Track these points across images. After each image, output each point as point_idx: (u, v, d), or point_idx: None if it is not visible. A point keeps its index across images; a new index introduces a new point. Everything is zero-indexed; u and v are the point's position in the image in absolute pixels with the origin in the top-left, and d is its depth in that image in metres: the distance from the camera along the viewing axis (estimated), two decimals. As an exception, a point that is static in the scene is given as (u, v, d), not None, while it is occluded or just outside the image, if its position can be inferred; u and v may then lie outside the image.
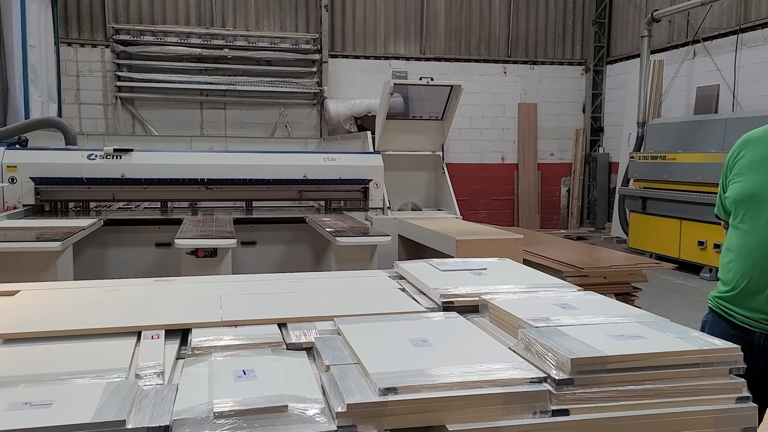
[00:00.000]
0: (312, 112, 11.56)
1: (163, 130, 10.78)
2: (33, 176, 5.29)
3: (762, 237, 2.24)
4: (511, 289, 2.41)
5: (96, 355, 1.84)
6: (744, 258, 2.29)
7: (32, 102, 8.12)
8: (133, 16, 10.93)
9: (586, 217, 12.90)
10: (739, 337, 2.32)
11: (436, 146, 6.71)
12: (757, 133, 2.37)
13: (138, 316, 2.14)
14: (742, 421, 1.67)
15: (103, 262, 5.15)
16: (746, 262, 2.28)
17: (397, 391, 1.53)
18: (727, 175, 2.43)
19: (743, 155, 2.36)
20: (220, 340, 1.95)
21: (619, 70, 12.29)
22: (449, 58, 12.07)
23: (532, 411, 1.57)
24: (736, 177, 2.36)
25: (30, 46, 8.12)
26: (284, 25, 11.44)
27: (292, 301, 2.36)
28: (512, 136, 12.44)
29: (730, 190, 2.38)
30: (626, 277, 4.69)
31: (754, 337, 2.30)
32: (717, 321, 2.41)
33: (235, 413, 1.45)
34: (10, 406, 1.43)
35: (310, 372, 1.75)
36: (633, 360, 1.65)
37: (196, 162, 5.73)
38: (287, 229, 5.60)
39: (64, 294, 2.54)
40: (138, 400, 1.50)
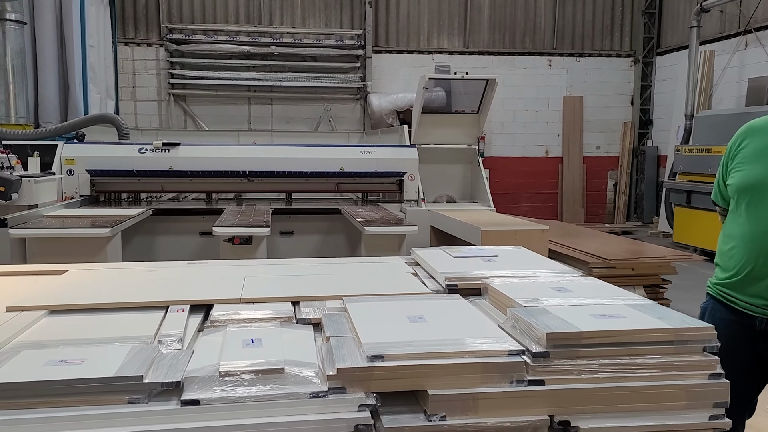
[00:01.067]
0: (355, 107, 11.79)
1: (212, 125, 11.19)
2: (89, 168, 5.66)
3: (765, 225, 2.30)
4: (514, 274, 2.53)
5: (127, 325, 2.07)
6: (747, 245, 2.34)
7: (91, 99, 8.59)
8: (185, 15, 11.37)
9: (633, 212, 12.71)
10: (740, 323, 2.39)
11: (472, 139, 6.80)
12: (759, 123, 2.41)
13: (167, 293, 2.37)
14: (714, 395, 1.76)
15: (150, 248, 5.48)
16: (750, 249, 2.33)
17: (383, 358, 1.69)
18: (728, 164, 2.47)
19: (746, 144, 2.41)
20: (237, 315, 2.15)
21: (670, 62, 12.04)
22: (493, 52, 12.08)
23: (508, 380, 1.71)
24: (739, 166, 2.40)
25: (89, 46, 8.59)
26: (329, 22, 11.69)
27: (308, 282, 2.55)
28: (557, 130, 12.35)
29: (732, 179, 2.43)
30: (655, 269, 4.70)
31: (755, 322, 2.36)
32: (717, 307, 2.47)
33: (238, 373, 1.64)
34: (47, 363, 1.66)
35: (312, 342, 1.93)
36: (607, 336, 1.76)
37: (239, 155, 6.00)
38: (324, 219, 5.81)
39: (105, 273, 2.80)
40: (157, 361, 1.71)
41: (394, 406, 1.69)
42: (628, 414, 1.72)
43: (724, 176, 2.50)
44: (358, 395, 1.63)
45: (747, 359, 2.39)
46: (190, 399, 1.56)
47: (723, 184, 2.52)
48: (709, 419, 1.76)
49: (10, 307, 2.19)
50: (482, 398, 1.67)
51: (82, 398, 1.55)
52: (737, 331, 2.37)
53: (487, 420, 1.67)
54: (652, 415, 1.73)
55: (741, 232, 2.37)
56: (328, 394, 1.62)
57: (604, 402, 1.72)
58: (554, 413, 1.70)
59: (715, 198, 2.59)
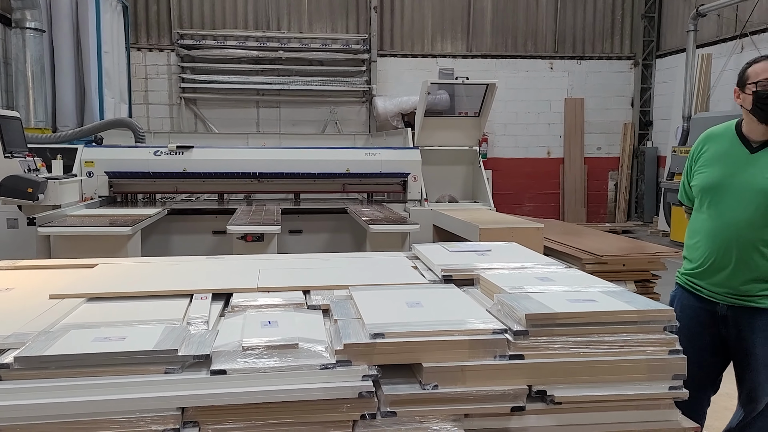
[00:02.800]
0: (361, 110, 12.05)
1: (222, 128, 11.48)
2: (107, 171, 5.94)
3: (725, 221, 2.57)
4: (504, 266, 2.78)
5: (157, 310, 2.33)
6: (710, 239, 2.60)
7: (106, 103, 8.88)
8: (196, 21, 11.66)
9: (633, 211, 12.92)
10: (705, 309, 2.65)
11: (473, 141, 7.04)
12: (718, 130, 2.70)
13: (191, 283, 2.63)
14: (672, 369, 2.01)
15: (166, 246, 5.75)
16: (713, 243, 2.59)
17: (384, 335, 1.95)
18: (691, 167, 2.76)
19: (707, 149, 2.69)
20: (255, 301, 2.42)
21: (669, 64, 12.26)
22: (495, 55, 12.32)
23: (492, 355, 1.96)
24: (701, 168, 2.68)
25: (104, 52, 8.88)
26: (335, 27, 11.96)
27: (318, 274, 2.81)
28: (558, 131, 12.59)
29: (695, 180, 2.71)
30: (645, 264, 4.94)
31: (717, 308, 2.62)
32: (684, 295, 2.73)
33: (258, 347, 1.90)
34: (94, 339, 1.93)
35: (321, 324, 2.19)
36: (579, 317, 2.02)
37: (249, 157, 6.27)
38: (331, 219, 6.06)
39: (133, 267, 3.07)
40: (187, 339, 1.97)
41: (393, 377, 1.94)
42: (597, 384, 1.97)
43: (689, 178, 2.77)
44: (362, 367, 1.89)
45: (711, 341, 2.65)
46: (218, 369, 1.82)
47: (688, 185, 2.79)
48: (669, 389, 2.01)
49: (53, 295, 2.46)
50: (469, 370, 1.93)
51: (126, 368, 1.81)
52: (702, 316, 2.63)
53: (474, 389, 1.92)
54: (618, 385, 1.98)
55: (704, 227, 2.64)
56: (336, 366, 1.87)
57: (576, 374, 1.97)
58: (532, 383, 1.96)
59: (681, 198, 2.86)
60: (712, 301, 2.63)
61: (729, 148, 2.61)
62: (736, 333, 2.59)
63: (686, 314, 2.64)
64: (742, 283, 2.54)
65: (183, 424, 1.79)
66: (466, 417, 1.94)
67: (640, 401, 2.00)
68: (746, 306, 2.55)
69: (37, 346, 1.86)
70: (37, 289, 2.59)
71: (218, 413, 1.81)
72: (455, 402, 1.91)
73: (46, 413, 1.72)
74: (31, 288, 2.64)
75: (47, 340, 1.91)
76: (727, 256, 2.56)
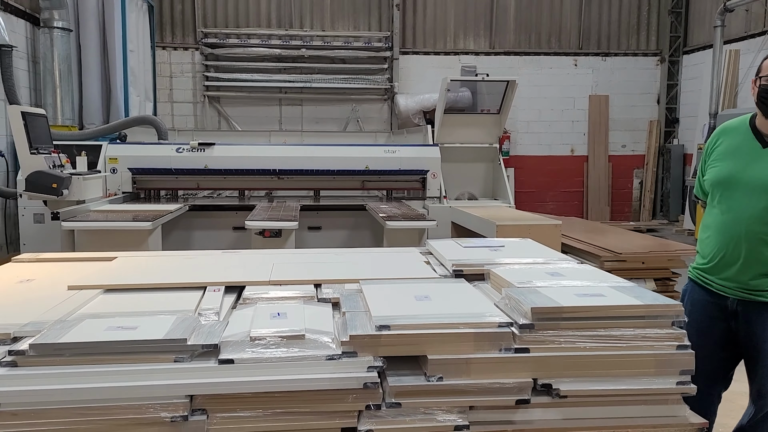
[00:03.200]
0: (383, 107, 12.07)
1: (245, 126, 11.59)
2: (130, 167, 6.05)
3: (736, 216, 2.54)
4: (516, 261, 2.78)
5: (171, 301, 2.38)
6: (720, 234, 2.59)
7: (131, 102, 9.03)
8: (220, 20, 11.78)
9: (659, 210, 12.74)
10: (715, 303, 2.63)
11: (493, 139, 7.02)
12: (733, 124, 2.66)
13: (205, 276, 2.68)
14: (680, 364, 2.00)
15: (187, 242, 5.84)
16: (723, 238, 2.58)
17: (390, 327, 1.97)
18: (705, 161, 2.73)
19: (720, 143, 2.66)
20: (266, 294, 2.45)
21: (696, 60, 12.05)
22: (519, 52, 12.23)
23: (498, 348, 1.97)
24: (714, 162, 2.65)
25: (130, 51, 9.03)
26: (357, 25, 11.99)
27: (330, 268, 2.84)
28: (582, 129, 12.46)
29: (708, 174, 2.68)
30: (665, 262, 4.88)
31: (728, 302, 2.60)
32: (695, 289, 2.72)
33: (266, 337, 1.94)
34: (108, 328, 1.98)
35: (330, 317, 2.22)
36: (585, 311, 2.01)
37: (270, 154, 6.34)
38: (350, 215, 6.10)
39: (150, 260, 3.13)
40: (198, 329, 2.01)
41: (398, 369, 1.96)
42: (603, 378, 1.97)
43: (703, 172, 2.75)
44: (367, 358, 1.91)
45: (722, 336, 2.63)
46: (226, 358, 1.86)
47: (702, 178, 2.77)
48: (677, 384, 1.99)
49: (71, 286, 2.53)
50: (474, 363, 1.94)
51: (137, 356, 1.86)
52: (712, 311, 2.62)
53: (479, 381, 1.93)
54: (624, 379, 1.97)
55: (715, 222, 2.62)
56: (342, 357, 1.90)
57: (582, 368, 1.97)
58: (538, 376, 1.96)
59: (697, 193, 2.84)
60: (722, 295, 2.62)
61: (742, 142, 2.59)
62: (746, 328, 2.56)
63: (696, 309, 2.64)
64: (751, 277, 2.52)
65: (191, 411, 1.83)
66: (471, 409, 1.95)
67: (648, 396, 1.99)
68: (756, 301, 2.53)
69: (52, 334, 1.92)
70: (56, 281, 2.66)
71: (226, 401, 1.85)
72: (460, 394, 1.92)
73: (59, 399, 1.77)
74: (50, 279, 2.71)
75: (62, 328, 1.97)
76: (736, 251, 2.54)
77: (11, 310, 2.22)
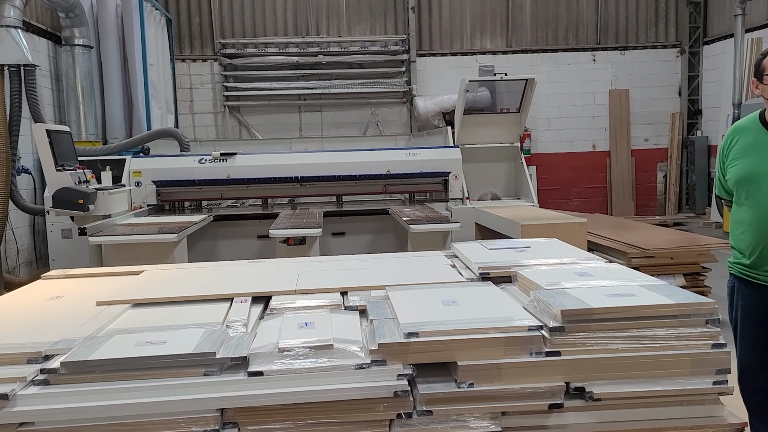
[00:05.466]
0: (402, 110, 12.06)
1: (265, 134, 11.66)
2: (154, 180, 6.11)
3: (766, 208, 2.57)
4: (543, 262, 2.74)
5: (198, 314, 2.39)
6: (755, 228, 2.60)
7: (153, 115, 9.13)
8: (237, 30, 11.88)
9: (684, 203, 12.54)
10: (763, 295, 2.62)
11: (514, 138, 6.97)
12: (743, 122, 2.74)
13: (231, 287, 2.69)
14: (716, 363, 1.95)
15: (213, 252, 5.89)
16: (758, 231, 2.59)
17: (418, 335, 1.95)
18: (724, 161, 2.78)
19: (736, 142, 2.72)
20: (293, 303, 2.45)
21: (717, 50, 11.84)
22: (536, 50, 12.14)
23: (528, 352, 1.94)
24: (733, 161, 2.70)
25: (150, 64, 9.14)
26: (374, 29, 12.00)
27: (355, 275, 2.83)
28: (603, 124, 12.31)
29: (729, 173, 2.73)
30: (694, 257, 4.80)
31: None
32: (741, 284, 2.72)
33: (294, 348, 1.93)
34: (137, 344, 1.99)
35: (357, 325, 2.21)
36: (616, 312, 1.98)
37: (291, 162, 6.36)
38: (373, 220, 6.09)
39: (177, 273, 3.15)
40: (226, 341, 2.02)
41: (428, 376, 1.95)
42: (637, 380, 1.93)
43: (723, 172, 2.80)
44: (397, 366, 1.90)
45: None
46: (255, 371, 1.86)
47: (723, 179, 2.81)
48: (713, 384, 1.95)
49: (100, 302, 2.55)
50: (505, 368, 1.92)
51: (166, 371, 1.86)
52: (763, 302, 2.62)
53: (510, 386, 1.91)
54: (659, 381, 1.93)
55: (747, 217, 2.64)
56: (371, 366, 1.89)
57: (615, 370, 1.93)
58: (570, 380, 1.92)
59: (720, 193, 2.88)
60: None
61: (756, 138, 2.66)
62: None
63: (749, 303, 2.67)
64: None
65: (222, 425, 1.83)
66: (503, 415, 1.93)
67: (684, 397, 1.95)
68: None
69: (82, 351, 1.94)
70: (85, 297, 2.69)
71: (256, 414, 1.85)
72: (492, 400, 1.90)
73: (92, 416, 1.79)
74: (79, 296, 2.74)
75: (92, 345, 1.99)
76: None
77: (42, 328, 2.24)
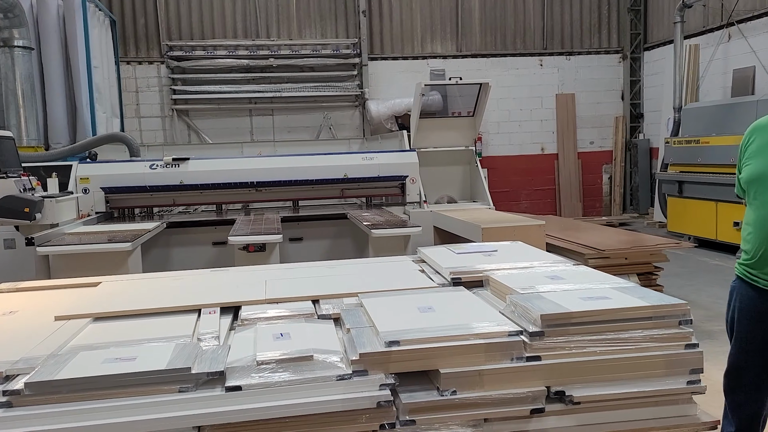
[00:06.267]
0: (354, 114, 12.04)
1: (215, 138, 11.43)
2: (103, 186, 5.88)
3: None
4: (512, 266, 2.76)
5: (166, 327, 2.30)
6: (759, 229, 2.60)
7: (98, 119, 8.82)
8: (184, 32, 11.62)
9: (629, 204, 12.95)
10: (762, 299, 2.63)
11: (469, 141, 7.03)
12: (763, 121, 2.69)
13: (197, 297, 2.60)
14: (689, 363, 2.01)
15: (167, 260, 5.71)
16: (762, 233, 2.59)
17: (399, 343, 1.93)
18: (741, 159, 2.75)
19: (753, 140, 2.68)
20: (264, 313, 2.39)
21: (657, 56, 12.29)
22: (485, 54, 12.33)
23: (509, 357, 1.95)
24: (748, 160, 2.68)
25: (94, 67, 8.82)
26: (325, 32, 11.94)
27: (325, 282, 2.79)
28: (551, 127, 12.60)
29: (743, 172, 2.70)
30: (647, 257, 4.93)
31: None
32: (743, 286, 2.71)
33: (273, 361, 1.88)
34: (105, 360, 1.90)
35: (334, 334, 2.17)
36: (593, 315, 2.00)
37: (246, 167, 6.23)
38: (331, 225, 6.02)
39: (136, 283, 3.03)
40: (200, 355, 1.95)
41: (410, 384, 1.93)
42: (615, 382, 1.96)
43: (740, 171, 2.76)
44: (379, 376, 1.87)
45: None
46: (234, 385, 1.80)
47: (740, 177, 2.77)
48: (687, 384, 2.00)
49: (58, 317, 2.43)
50: (487, 374, 1.92)
51: (138, 389, 1.78)
52: (761, 306, 2.63)
53: (492, 393, 1.91)
54: (636, 382, 1.97)
55: (754, 218, 2.63)
56: (353, 377, 1.85)
57: (593, 373, 1.96)
58: (550, 384, 1.94)
59: (738, 192, 2.83)
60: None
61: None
62: None
63: (746, 305, 2.66)
64: None
65: (200, 442, 1.76)
66: (485, 421, 1.93)
67: (659, 397, 1.99)
68: None
69: (46, 370, 1.83)
70: (41, 311, 2.56)
71: (236, 430, 1.79)
72: (474, 407, 1.90)
73: (61, 439, 1.69)
74: (34, 310, 2.61)
75: (56, 363, 1.89)
76: None
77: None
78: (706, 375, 2.04)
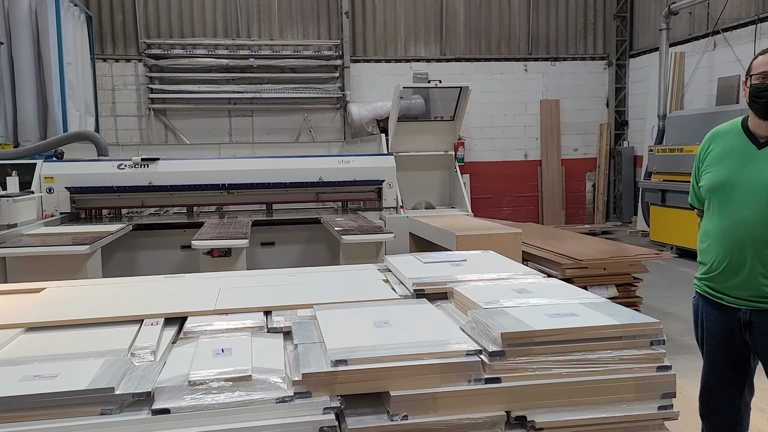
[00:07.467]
0: (335, 116, 11.87)
1: (193, 139, 11.22)
2: (68, 186, 5.68)
3: (736, 220, 2.47)
4: (480, 278, 2.62)
5: (102, 339, 2.13)
6: (722, 240, 2.50)
7: (70, 116, 8.59)
8: (163, 30, 11.40)
9: (612, 212, 12.89)
10: (728, 316, 2.54)
11: (448, 146, 6.90)
12: (723, 128, 2.60)
13: (142, 307, 2.43)
14: (661, 387, 1.86)
15: (132, 264, 5.52)
16: (725, 244, 2.49)
17: (347, 362, 1.77)
18: (699, 167, 2.65)
19: (713, 148, 2.59)
20: (210, 326, 2.22)
21: (642, 63, 12.25)
22: (469, 58, 12.22)
23: (467, 379, 1.80)
24: (708, 168, 2.58)
25: (67, 63, 8.59)
26: (307, 33, 11.78)
27: (281, 292, 2.62)
28: (535, 133, 12.51)
29: (703, 180, 2.60)
30: (626, 268, 4.82)
31: (740, 314, 2.51)
32: (705, 304, 2.64)
33: (207, 381, 1.71)
34: (22, 378, 1.73)
35: (281, 350, 2.01)
36: (559, 334, 1.86)
37: (218, 168, 6.05)
38: (304, 229, 5.86)
39: (83, 290, 2.85)
40: (129, 373, 1.78)
41: (358, 407, 1.77)
42: (581, 407, 1.82)
43: (697, 179, 2.67)
44: (323, 399, 1.71)
45: (740, 346, 2.55)
46: (161, 408, 1.63)
47: (697, 186, 2.69)
48: (658, 409, 1.85)
49: (-13, 326, 2.24)
50: (442, 397, 1.76)
51: (56, 411, 1.61)
52: (726, 324, 2.54)
53: (447, 417, 1.75)
54: (604, 407, 1.82)
55: (714, 228, 2.54)
56: (294, 399, 1.69)
57: (557, 396, 1.81)
58: (511, 408, 1.79)
59: (692, 201, 2.76)
60: (732, 308, 2.53)
61: (735, 144, 2.53)
62: (763, 339, 2.47)
63: (712, 325, 2.59)
64: (762, 284, 2.44)
65: (121, 472, 1.59)
66: (439, 449, 1.77)
67: (628, 423, 1.85)
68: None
69: (-46, 388, 1.65)
70: (-29, 320, 2.37)
71: (162, 458, 1.62)
72: (427, 434, 1.74)
73: (-39, 469, 1.51)
74: (-36, 318, 2.41)
75: (-33, 381, 1.70)
76: (741, 257, 2.46)
77: None
78: (684, 392, 1.91)
